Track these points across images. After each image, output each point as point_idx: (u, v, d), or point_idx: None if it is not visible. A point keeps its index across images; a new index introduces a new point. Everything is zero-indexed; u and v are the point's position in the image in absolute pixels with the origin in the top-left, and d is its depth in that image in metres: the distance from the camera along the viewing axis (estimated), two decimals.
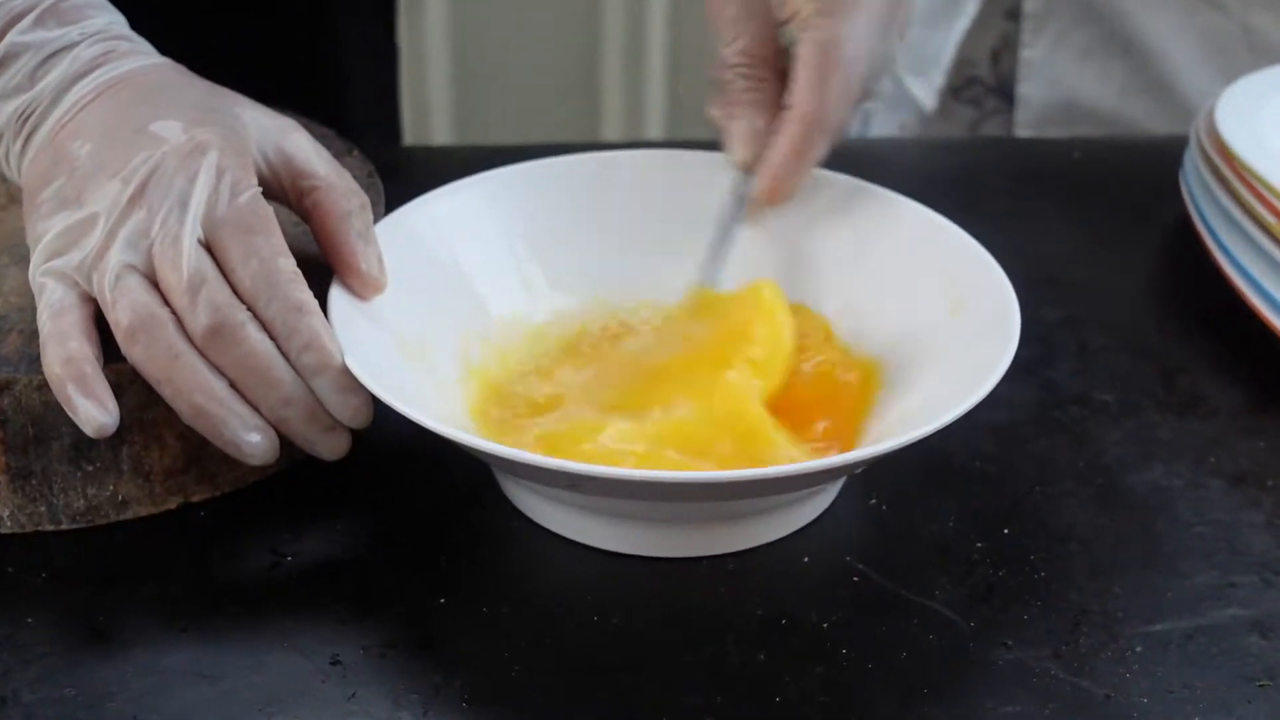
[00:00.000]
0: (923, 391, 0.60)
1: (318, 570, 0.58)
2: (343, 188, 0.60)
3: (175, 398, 0.56)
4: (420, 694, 0.53)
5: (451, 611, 0.56)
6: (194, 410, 0.56)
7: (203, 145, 0.58)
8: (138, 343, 0.56)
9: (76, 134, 0.59)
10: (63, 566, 0.58)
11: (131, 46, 0.62)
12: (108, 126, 0.59)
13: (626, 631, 0.56)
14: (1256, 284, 0.71)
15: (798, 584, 0.58)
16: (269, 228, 0.57)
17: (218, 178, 0.57)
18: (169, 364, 0.56)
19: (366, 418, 0.57)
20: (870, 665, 0.54)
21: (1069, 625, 0.56)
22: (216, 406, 0.56)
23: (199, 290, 0.56)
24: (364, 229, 0.60)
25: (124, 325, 0.56)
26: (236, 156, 0.58)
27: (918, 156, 0.94)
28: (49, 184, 0.59)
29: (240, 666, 0.54)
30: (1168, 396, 0.68)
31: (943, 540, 0.60)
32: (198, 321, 0.56)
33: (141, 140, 0.58)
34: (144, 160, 0.57)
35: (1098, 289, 0.76)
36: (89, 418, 0.55)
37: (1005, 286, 0.61)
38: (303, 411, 0.57)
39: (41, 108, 0.60)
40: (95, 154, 0.58)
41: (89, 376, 0.56)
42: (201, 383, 0.56)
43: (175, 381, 0.56)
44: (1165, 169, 0.83)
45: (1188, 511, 0.62)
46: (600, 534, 0.58)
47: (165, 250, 0.56)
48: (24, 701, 0.52)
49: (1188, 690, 0.54)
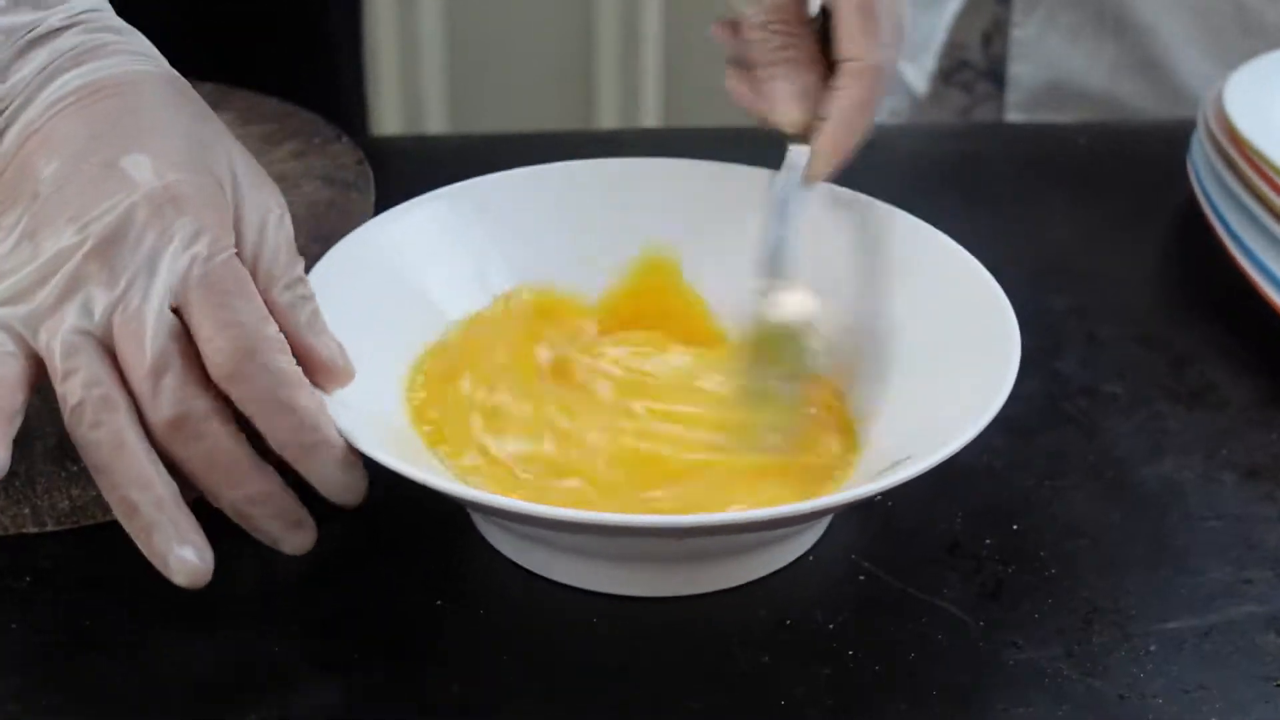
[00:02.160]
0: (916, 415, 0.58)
1: (308, 573, 0.56)
2: (291, 277, 0.54)
3: (109, 489, 0.51)
4: (417, 699, 0.51)
5: (449, 615, 0.55)
6: (127, 508, 0.51)
7: (177, 198, 0.52)
8: (82, 423, 0.50)
9: (44, 148, 0.54)
10: (47, 570, 0.56)
11: (119, 42, 0.56)
12: (77, 149, 0.53)
13: (627, 634, 0.54)
14: (1267, 271, 0.69)
15: (802, 584, 0.57)
16: (246, 290, 0.52)
17: (193, 238, 0.52)
18: (112, 453, 0.50)
19: (363, 492, 0.53)
20: (877, 666, 0.53)
21: (1081, 623, 0.55)
22: (153, 509, 0.50)
23: (163, 375, 0.50)
24: (311, 318, 0.54)
25: (71, 404, 0.51)
26: (214, 212, 0.53)
27: (915, 143, 0.92)
28: (11, 209, 0.53)
29: (230, 671, 0.52)
30: (1178, 387, 0.67)
31: (950, 537, 0.59)
32: (159, 413, 0.51)
33: (110, 180, 0.53)
34: (109, 209, 0.52)
35: (1105, 278, 0.75)
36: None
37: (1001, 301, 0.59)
38: (271, 509, 0.53)
39: (13, 106, 0.55)
40: (59, 184, 0.53)
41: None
42: (141, 478, 0.50)
43: (114, 473, 0.50)
44: (1172, 154, 0.82)
45: (1200, 505, 0.61)
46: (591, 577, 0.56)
47: (128, 322, 0.51)
48: (8, 710, 0.51)
49: (1204, 690, 0.52)
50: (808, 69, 0.61)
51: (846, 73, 0.60)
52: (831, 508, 0.52)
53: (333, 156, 0.69)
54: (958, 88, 1.04)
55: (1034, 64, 1.00)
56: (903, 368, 0.60)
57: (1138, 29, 0.97)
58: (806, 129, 0.61)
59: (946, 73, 1.03)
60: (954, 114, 1.04)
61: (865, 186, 0.66)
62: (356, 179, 0.68)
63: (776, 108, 0.61)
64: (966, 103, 1.04)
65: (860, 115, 0.60)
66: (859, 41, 0.59)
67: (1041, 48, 0.99)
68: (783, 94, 0.61)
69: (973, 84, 1.04)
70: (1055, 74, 0.99)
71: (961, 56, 1.03)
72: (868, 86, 0.60)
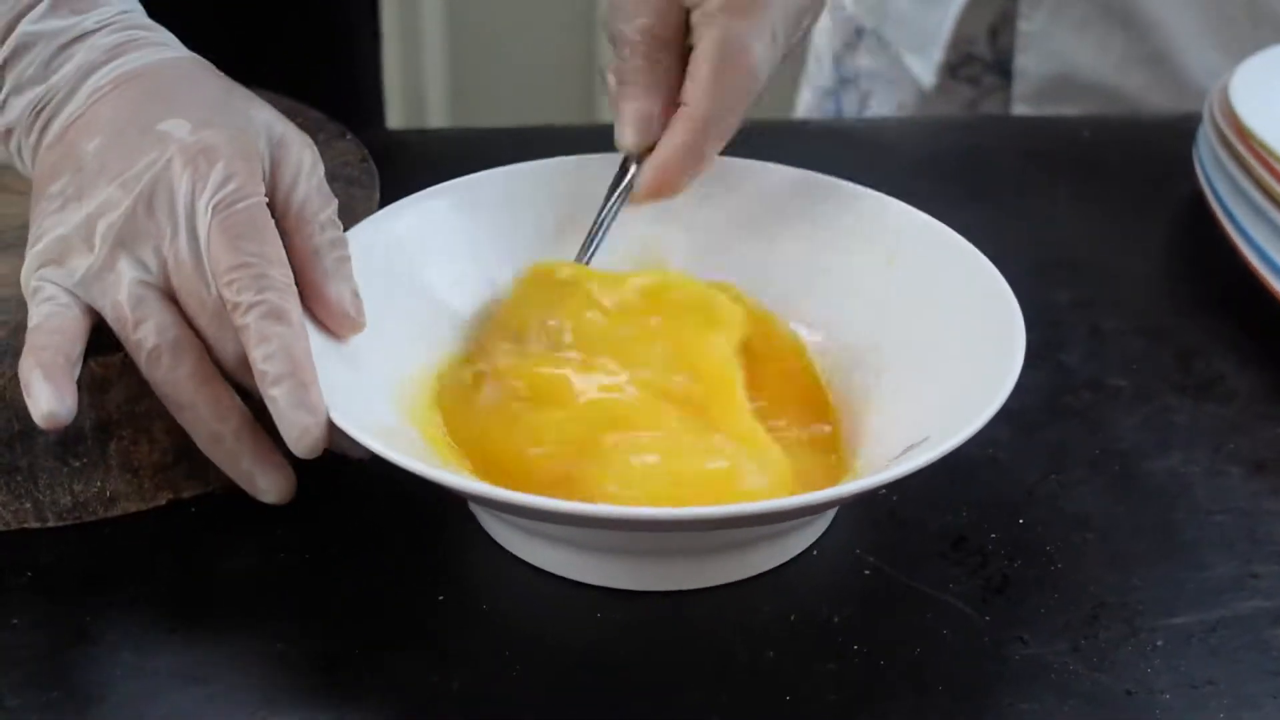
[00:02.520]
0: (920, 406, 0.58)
1: (310, 568, 0.56)
2: (320, 221, 0.57)
3: (194, 424, 0.55)
4: (417, 694, 0.51)
5: (449, 608, 0.54)
6: (213, 439, 0.55)
7: (210, 150, 0.55)
8: (161, 366, 0.54)
9: (87, 130, 0.57)
10: (48, 565, 0.56)
11: (150, 36, 0.60)
12: (117, 123, 0.57)
13: (630, 628, 0.54)
14: (1273, 263, 0.69)
15: (806, 578, 0.56)
16: (262, 235, 0.54)
17: (222, 185, 0.54)
18: (194, 392, 0.54)
19: (315, 443, 0.53)
20: (882, 661, 0.53)
21: (1087, 618, 0.55)
22: (235, 438, 0.55)
23: (225, 317, 0.54)
24: (336, 264, 0.57)
25: (148, 347, 0.54)
26: (244, 161, 0.55)
27: (920, 136, 0.92)
28: (55, 180, 0.57)
29: (232, 668, 0.52)
30: (1184, 380, 0.67)
31: (955, 531, 0.58)
32: (226, 350, 0.54)
33: (147, 141, 0.56)
34: (148, 165, 0.55)
35: (1110, 270, 0.75)
36: (41, 401, 0.53)
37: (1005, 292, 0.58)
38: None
39: (56, 100, 0.58)
40: (101, 153, 0.56)
41: (58, 367, 0.53)
42: (222, 411, 0.55)
43: (198, 407, 0.55)
44: (1177, 147, 0.81)
45: (1207, 499, 0.60)
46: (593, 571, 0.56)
47: (181, 269, 0.54)
48: (8, 706, 0.50)
49: (1212, 685, 0.52)
50: (656, 97, 0.61)
51: (679, 118, 0.61)
52: (838, 499, 0.52)
53: (338, 154, 0.69)
54: (964, 81, 1.04)
55: (1041, 57, 0.99)
56: (906, 361, 0.60)
57: (1146, 21, 0.97)
58: (642, 152, 0.62)
59: (953, 66, 1.03)
60: (961, 107, 1.04)
61: (870, 179, 0.65)
62: (361, 175, 0.68)
63: (618, 127, 0.62)
64: (973, 96, 1.04)
65: (683, 160, 0.61)
66: (700, 93, 0.60)
67: (1048, 40, 0.98)
68: (625, 115, 0.62)
69: (979, 77, 1.03)
70: (1062, 67, 0.99)
71: (968, 50, 1.02)
72: (694, 134, 0.60)
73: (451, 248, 0.63)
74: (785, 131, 0.92)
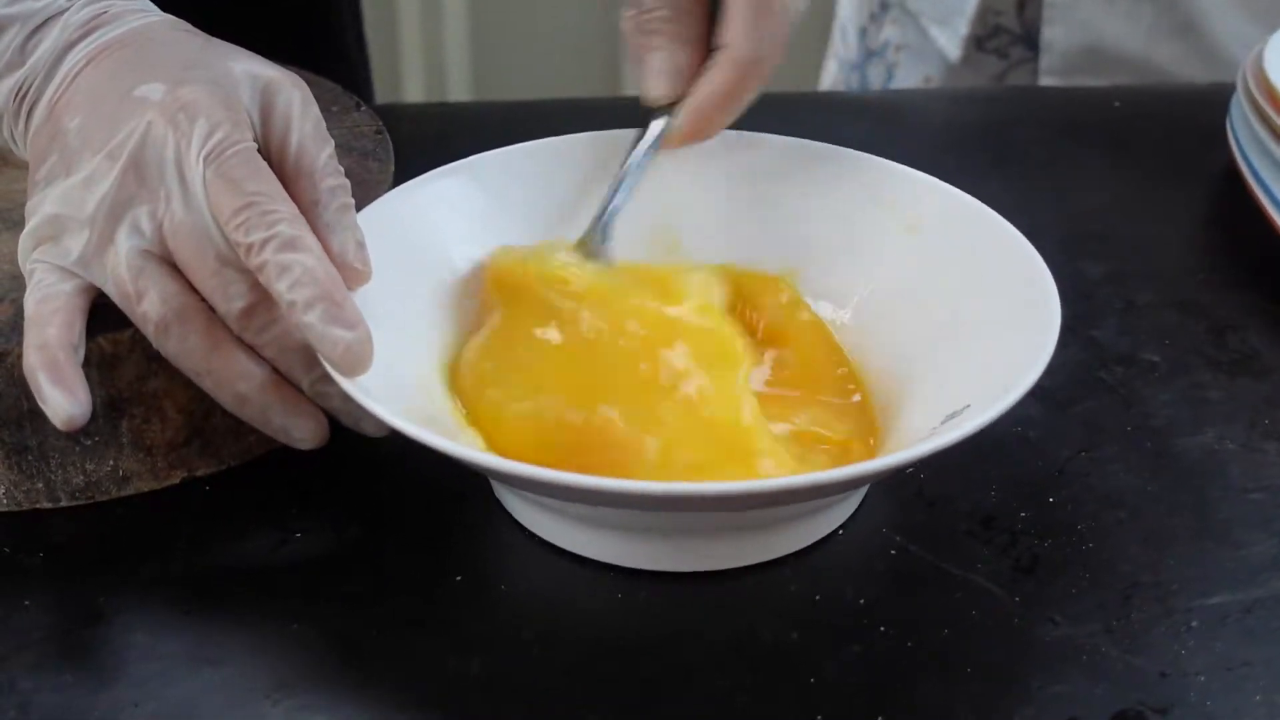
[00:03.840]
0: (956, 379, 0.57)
1: (327, 548, 0.55)
2: (318, 168, 0.55)
3: (217, 389, 0.54)
4: (436, 677, 0.50)
5: (468, 590, 0.53)
6: (238, 399, 0.54)
7: (189, 105, 0.54)
8: (172, 337, 0.53)
9: (68, 108, 0.56)
10: (60, 545, 0.55)
11: (125, 5, 0.59)
12: (95, 96, 0.56)
13: (652, 609, 0.53)
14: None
15: (832, 558, 0.55)
16: (259, 175, 0.53)
17: (208, 136, 0.53)
18: (208, 355, 0.54)
19: (359, 359, 0.51)
20: (910, 643, 0.51)
21: (1120, 598, 0.53)
22: (261, 394, 0.54)
23: (225, 271, 0.53)
24: (339, 213, 0.55)
25: (154, 319, 0.53)
26: (226, 111, 0.54)
27: (947, 108, 0.91)
28: (45, 162, 0.56)
29: (246, 650, 0.51)
30: (1218, 355, 0.65)
31: (984, 510, 0.57)
32: (230, 305, 0.53)
33: (126, 108, 0.55)
34: (129, 133, 0.54)
35: (1142, 243, 0.73)
36: (57, 407, 0.52)
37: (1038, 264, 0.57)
38: None
39: (36, 83, 0.57)
40: (83, 129, 0.55)
41: (61, 364, 0.53)
42: (242, 370, 0.54)
43: (216, 372, 0.54)
44: (1210, 117, 0.80)
45: (1242, 476, 0.59)
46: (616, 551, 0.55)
47: (178, 231, 0.53)
48: (20, 689, 0.50)
49: (1248, 667, 0.51)
50: (686, 47, 0.60)
51: (719, 60, 0.59)
52: (872, 474, 0.50)
53: (351, 125, 0.68)
54: (991, 54, 1.02)
55: (1069, 28, 0.98)
56: (939, 336, 0.58)
57: None
58: (672, 103, 0.61)
59: (980, 38, 1.01)
60: (987, 80, 1.03)
61: (895, 151, 0.64)
62: (376, 148, 0.66)
63: (645, 79, 0.61)
64: (1000, 68, 1.02)
65: (724, 104, 0.60)
66: (741, 31, 0.59)
67: (1076, 11, 0.97)
68: (653, 67, 0.61)
69: (1006, 49, 1.02)
70: (1090, 38, 0.97)
71: (995, 22, 1.01)
72: (738, 77, 0.59)
73: (471, 224, 0.62)
74: (809, 104, 0.90)
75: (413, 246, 0.60)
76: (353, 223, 0.55)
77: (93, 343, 0.54)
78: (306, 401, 0.55)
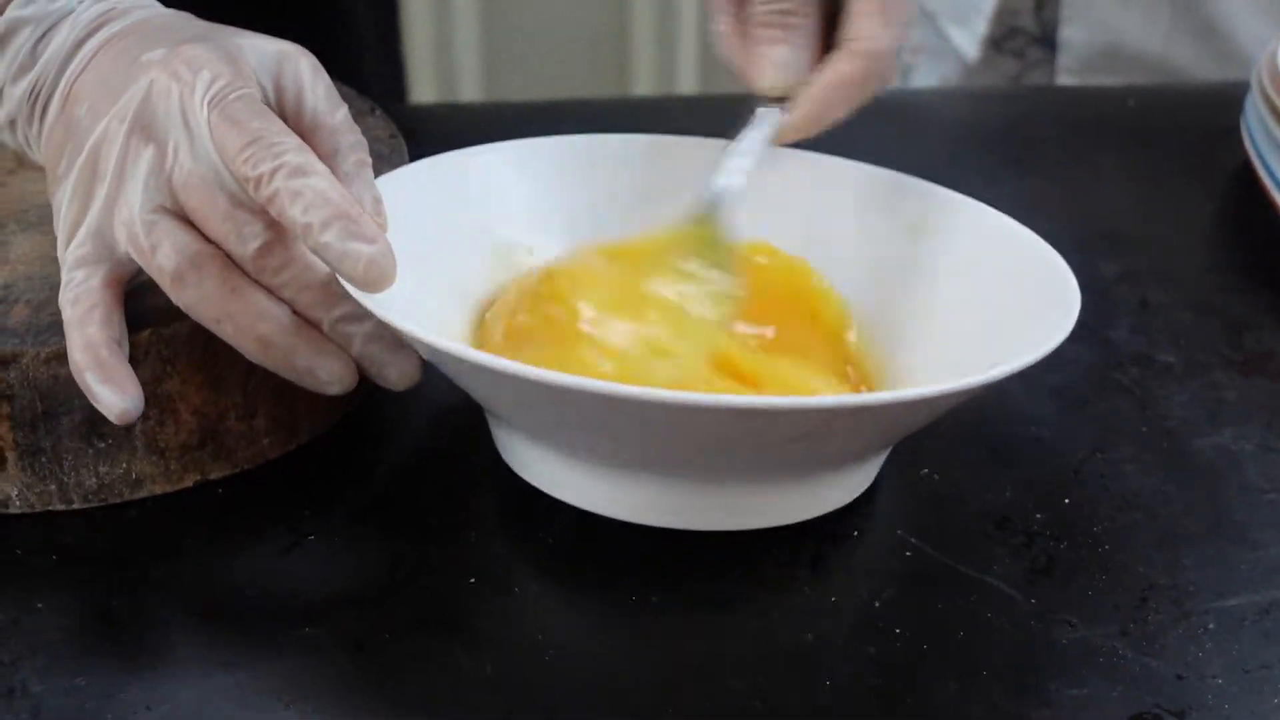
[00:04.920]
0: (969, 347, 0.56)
1: (340, 550, 0.55)
2: (333, 126, 0.56)
3: (238, 334, 0.53)
4: (450, 679, 0.50)
5: (481, 592, 0.53)
6: (261, 344, 0.53)
7: (192, 59, 0.54)
8: (188, 285, 0.53)
9: (77, 99, 0.56)
10: (73, 548, 0.55)
11: (132, 2, 0.59)
12: (102, 76, 0.56)
13: (665, 612, 0.53)
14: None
15: (846, 560, 0.55)
16: (269, 115, 0.53)
17: (210, 84, 0.53)
18: (226, 299, 0.53)
19: (383, 272, 0.51)
20: (925, 646, 0.51)
21: (1136, 600, 0.53)
22: (283, 336, 0.53)
23: (237, 213, 0.53)
24: (355, 169, 0.55)
25: (169, 270, 0.53)
26: (229, 65, 0.54)
27: (963, 108, 0.91)
28: (61, 159, 0.56)
29: (259, 653, 0.51)
30: (1234, 355, 0.65)
31: (999, 511, 0.57)
32: (245, 247, 0.53)
33: (131, 74, 0.55)
34: (134, 93, 0.54)
35: (1157, 243, 0.73)
36: (109, 404, 0.53)
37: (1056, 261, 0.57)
38: (369, 327, 0.54)
39: (48, 83, 0.57)
40: (92, 107, 0.56)
41: (107, 362, 0.53)
42: (262, 311, 0.53)
43: (236, 316, 0.53)
44: (1225, 116, 0.80)
45: (1259, 477, 0.59)
46: (631, 503, 0.54)
47: (187, 179, 0.53)
48: (32, 692, 0.49)
49: (1266, 670, 0.50)
50: (804, 39, 0.60)
51: (845, 53, 0.59)
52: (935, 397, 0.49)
53: (366, 130, 0.68)
54: (1009, 54, 1.02)
55: (1087, 28, 0.97)
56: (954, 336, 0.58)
57: None
58: (786, 95, 0.60)
59: (998, 39, 1.01)
60: (1005, 80, 1.02)
61: (912, 153, 0.64)
62: (390, 153, 0.66)
63: (764, 71, 0.60)
64: (1018, 69, 1.02)
65: (848, 93, 0.59)
66: (870, 21, 0.58)
67: (1094, 10, 0.96)
68: (773, 58, 0.60)
69: (1024, 50, 1.01)
70: (1109, 38, 0.97)
71: (1013, 23, 1.01)
72: (865, 67, 0.59)
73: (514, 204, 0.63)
74: None
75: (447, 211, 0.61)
76: (370, 179, 0.55)
77: None
78: (328, 342, 0.54)
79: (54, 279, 0.56)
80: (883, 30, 0.59)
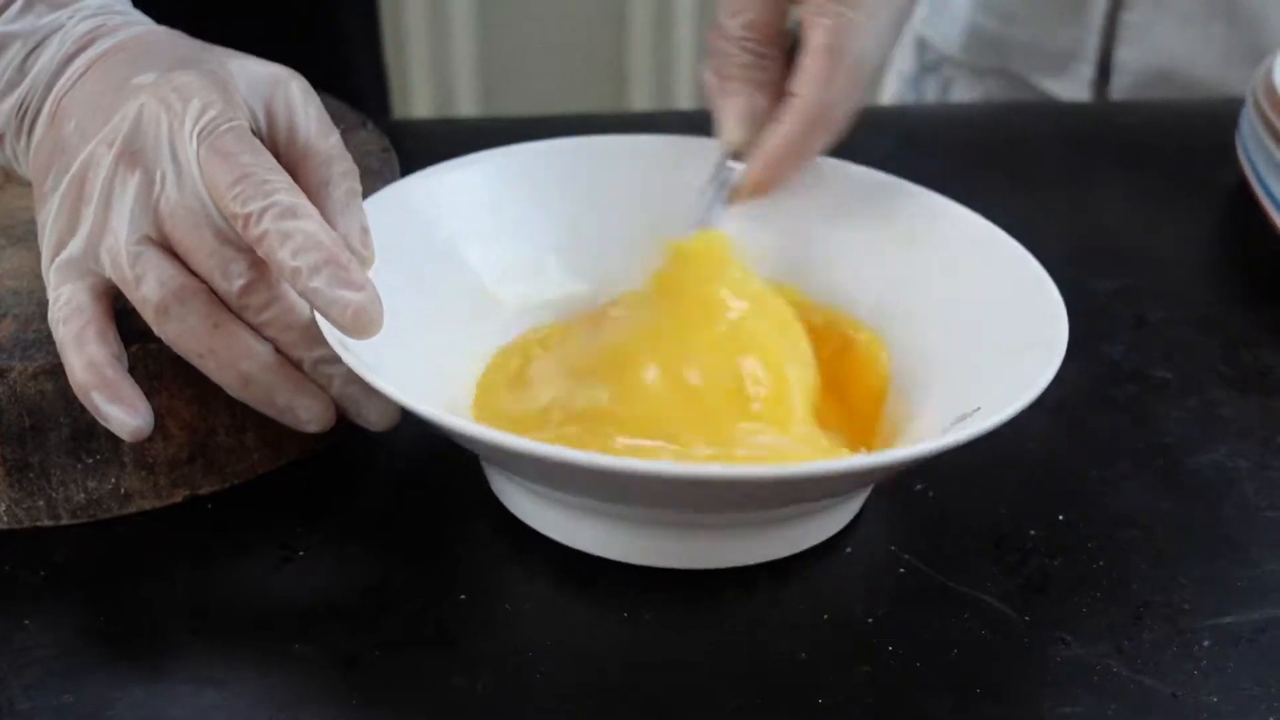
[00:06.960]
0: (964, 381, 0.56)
1: (330, 566, 0.55)
2: (325, 153, 0.56)
3: (220, 369, 0.53)
4: (440, 696, 0.50)
5: (472, 609, 0.53)
6: (242, 380, 0.53)
7: (182, 87, 0.53)
8: (171, 318, 0.53)
9: (65, 114, 0.56)
10: (62, 564, 0.55)
11: (123, 19, 0.59)
12: (91, 95, 0.56)
13: (658, 629, 0.52)
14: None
15: (840, 577, 0.55)
16: (259, 149, 0.53)
17: (200, 114, 0.53)
18: (209, 334, 0.53)
19: (370, 320, 0.51)
20: (919, 663, 0.51)
21: (1131, 618, 0.53)
22: (265, 373, 0.53)
23: (223, 249, 0.52)
24: (346, 198, 0.55)
25: (154, 302, 0.53)
26: (220, 93, 0.54)
27: (959, 122, 0.90)
28: (48, 174, 0.56)
29: (249, 669, 0.51)
30: (1231, 372, 0.65)
31: (994, 528, 0.56)
32: (230, 283, 0.53)
33: (121, 97, 0.54)
34: (123, 117, 0.54)
35: (1155, 258, 0.73)
36: (120, 424, 0.53)
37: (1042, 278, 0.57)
38: (347, 369, 0.53)
39: (36, 98, 0.57)
40: (80, 127, 0.55)
41: (113, 380, 0.52)
42: (245, 348, 0.53)
43: (218, 352, 0.53)
44: (1222, 132, 0.80)
45: (1256, 495, 0.58)
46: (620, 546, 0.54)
47: (174, 212, 0.53)
48: (19, 710, 0.49)
49: (1261, 689, 0.50)
50: (763, 92, 0.61)
51: (789, 108, 0.60)
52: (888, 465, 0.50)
53: (358, 144, 0.68)
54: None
55: (1142, 49, 0.96)
56: (945, 350, 0.58)
57: (1250, 15, 0.93)
58: (745, 150, 0.61)
59: None
60: None
61: (909, 166, 0.64)
62: (382, 167, 0.66)
63: (722, 123, 0.62)
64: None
65: (791, 152, 0.60)
66: (811, 84, 0.59)
67: (1150, 32, 0.95)
68: (731, 111, 0.61)
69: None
70: (1163, 60, 0.95)
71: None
72: (806, 126, 0.60)
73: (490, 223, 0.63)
74: None
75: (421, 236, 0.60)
76: (359, 208, 0.55)
77: None
78: (308, 382, 0.54)
79: (41, 294, 0.55)
80: (825, 88, 0.59)
